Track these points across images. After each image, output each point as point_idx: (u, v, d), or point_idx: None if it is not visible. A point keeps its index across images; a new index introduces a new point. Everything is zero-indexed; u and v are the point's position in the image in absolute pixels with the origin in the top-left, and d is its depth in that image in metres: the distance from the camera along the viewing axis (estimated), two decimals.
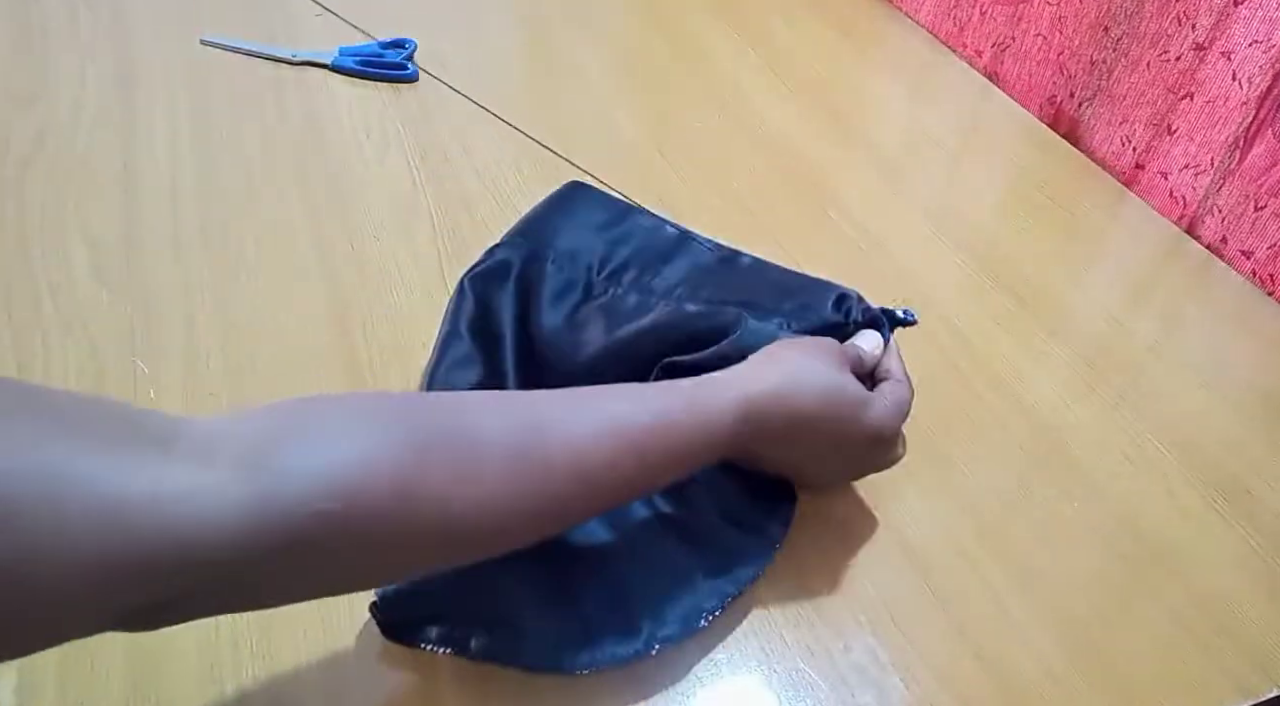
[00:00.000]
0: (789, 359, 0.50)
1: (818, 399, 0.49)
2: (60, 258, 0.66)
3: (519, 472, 0.40)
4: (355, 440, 0.36)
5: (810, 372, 0.50)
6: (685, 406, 0.46)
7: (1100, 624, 0.53)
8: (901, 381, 0.54)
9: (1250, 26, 0.74)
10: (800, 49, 1.00)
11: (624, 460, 0.43)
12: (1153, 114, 0.84)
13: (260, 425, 0.35)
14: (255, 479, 0.33)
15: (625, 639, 0.48)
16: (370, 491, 0.35)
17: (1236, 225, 0.78)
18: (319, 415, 0.37)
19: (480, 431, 0.40)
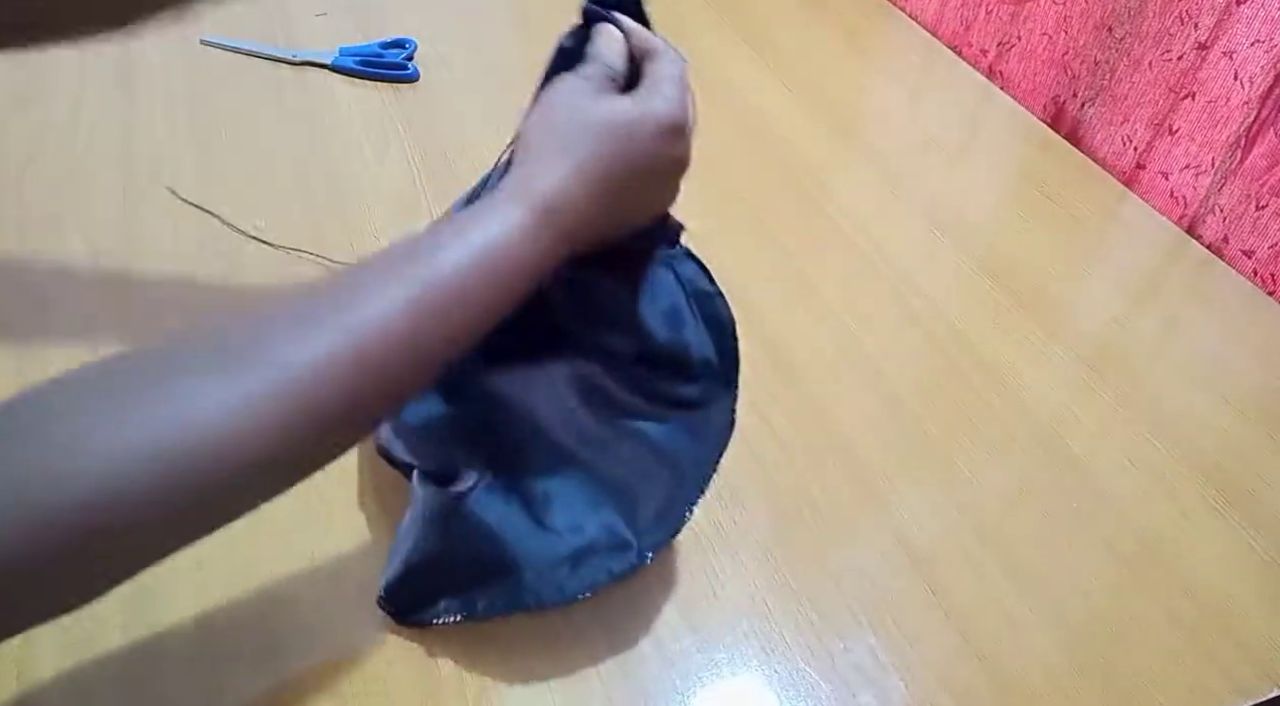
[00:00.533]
0: (559, 139, 0.45)
1: (610, 150, 0.44)
2: (60, 257, 0.66)
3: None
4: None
5: (586, 132, 0.44)
6: (477, 262, 0.41)
7: (1100, 623, 0.53)
8: (663, 51, 0.49)
9: (1252, 26, 0.74)
10: (801, 49, 1.00)
11: (417, 350, 0.40)
12: (1154, 114, 0.84)
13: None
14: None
15: (617, 554, 0.49)
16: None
17: (1238, 225, 0.78)
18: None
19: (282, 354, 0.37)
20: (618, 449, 0.53)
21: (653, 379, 0.54)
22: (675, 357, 0.54)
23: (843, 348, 0.67)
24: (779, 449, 0.60)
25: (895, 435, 0.62)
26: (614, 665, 0.49)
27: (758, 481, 0.58)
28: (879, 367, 0.66)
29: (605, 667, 0.48)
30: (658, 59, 0.48)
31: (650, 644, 0.50)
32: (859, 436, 0.61)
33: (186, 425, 0.35)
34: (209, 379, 0.36)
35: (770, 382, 0.64)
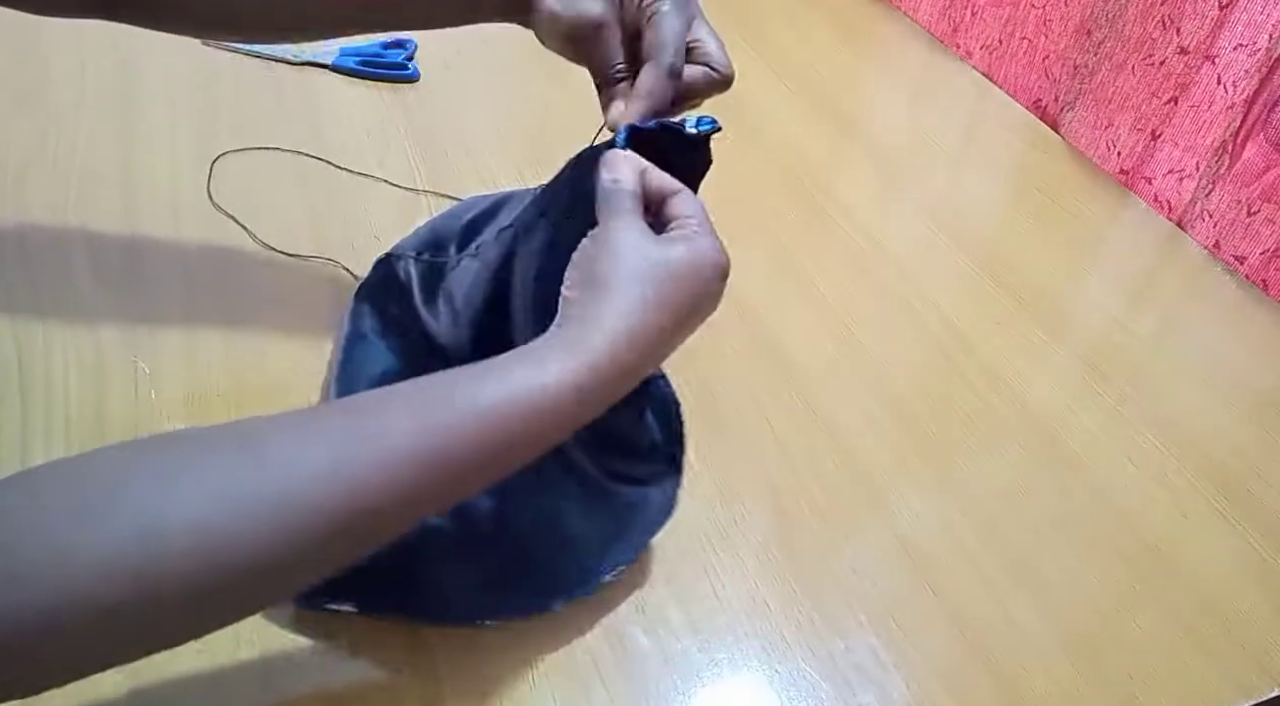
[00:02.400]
0: (607, 290, 0.42)
1: (661, 300, 0.42)
2: (61, 257, 0.66)
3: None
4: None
5: (635, 282, 0.42)
6: (515, 402, 0.39)
7: (1100, 623, 0.53)
8: (682, 191, 0.47)
9: (1235, 31, 0.74)
10: (800, 49, 1.00)
11: (430, 482, 0.38)
12: (1137, 118, 0.84)
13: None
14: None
15: (530, 596, 0.49)
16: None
17: (1229, 230, 0.78)
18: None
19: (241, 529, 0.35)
20: (569, 494, 0.53)
21: (608, 453, 0.54)
22: (633, 438, 0.55)
23: (843, 347, 0.67)
24: (779, 449, 0.60)
25: (895, 435, 0.62)
26: (615, 665, 0.49)
27: (758, 481, 0.58)
28: (879, 367, 0.66)
29: (606, 667, 0.48)
30: (679, 200, 0.46)
31: (651, 644, 0.50)
32: (859, 436, 0.61)
33: (151, 533, 0.33)
34: (205, 475, 0.35)
35: (770, 382, 0.64)
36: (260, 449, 0.36)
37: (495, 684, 0.47)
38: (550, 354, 0.41)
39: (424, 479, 0.38)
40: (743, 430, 0.61)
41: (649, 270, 0.43)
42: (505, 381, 0.39)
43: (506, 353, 0.41)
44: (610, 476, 0.54)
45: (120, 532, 0.33)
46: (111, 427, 0.56)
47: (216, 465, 0.35)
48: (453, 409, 0.39)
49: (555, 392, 0.39)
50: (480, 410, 0.39)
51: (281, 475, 0.35)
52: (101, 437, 0.56)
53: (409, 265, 0.61)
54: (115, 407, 0.57)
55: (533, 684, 0.47)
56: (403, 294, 0.61)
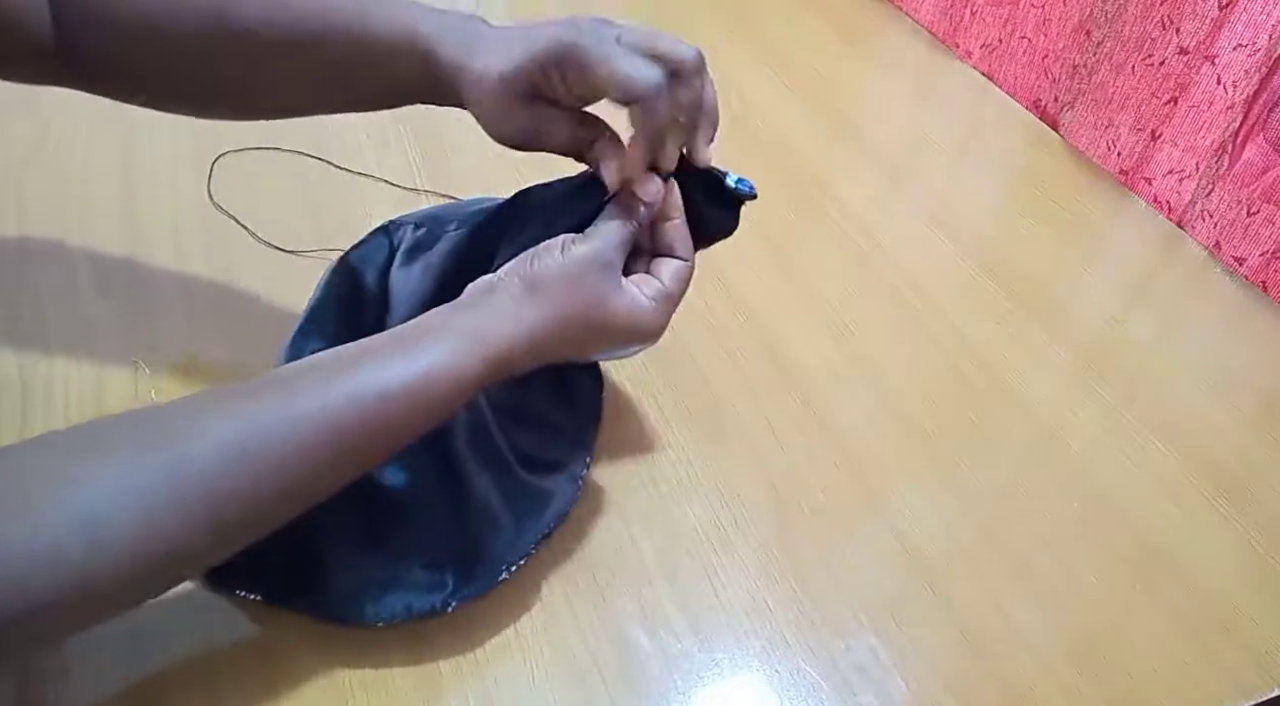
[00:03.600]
0: (539, 296, 0.45)
1: (574, 334, 0.46)
2: (61, 259, 0.66)
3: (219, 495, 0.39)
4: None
5: (566, 309, 0.45)
6: (405, 385, 0.42)
7: (1100, 623, 0.53)
8: (684, 260, 0.49)
9: (1235, 31, 0.74)
10: (800, 49, 1.00)
11: (330, 460, 0.41)
12: (1137, 118, 0.84)
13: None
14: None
15: (427, 592, 0.48)
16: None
17: (1229, 231, 0.78)
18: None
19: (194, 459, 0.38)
20: (475, 484, 0.52)
21: (521, 429, 0.54)
22: (549, 415, 0.55)
23: (842, 347, 0.67)
24: (779, 449, 0.60)
25: (895, 435, 0.62)
26: (615, 665, 0.49)
27: (758, 482, 0.58)
28: (879, 367, 0.66)
29: (606, 667, 0.49)
30: (673, 265, 0.49)
31: (651, 644, 0.50)
32: (859, 436, 0.61)
33: (83, 524, 0.36)
34: (109, 469, 0.37)
35: (770, 382, 0.64)
36: (173, 438, 0.39)
37: (495, 683, 0.47)
38: (456, 339, 0.44)
39: (326, 458, 0.41)
40: (743, 430, 0.61)
41: (587, 312, 0.46)
42: (410, 365, 0.42)
43: (413, 322, 0.45)
44: (522, 459, 0.53)
45: (55, 527, 0.35)
46: None
47: (136, 460, 0.38)
48: (359, 390, 0.41)
49: (454, 378, 0.43)
50: (385, 392, 0.42)
51: (196, 464, 0.38)
52: None
53: (405, 233, 0.60)
54: (115, 408, 0.57)
55: (532, 683, 0.47)
56: (386, 262, 0.59)
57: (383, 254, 0.60)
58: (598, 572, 0.52)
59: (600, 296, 0.46)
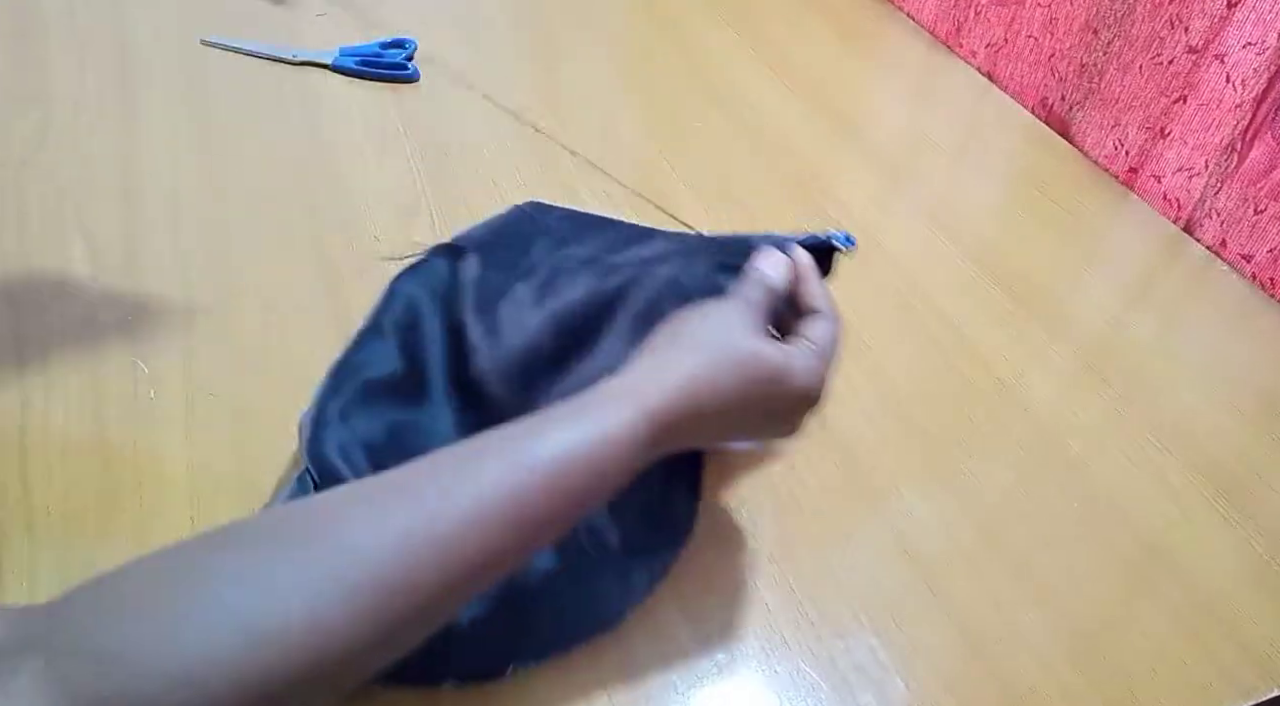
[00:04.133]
0: (689, 344, 0.44)
1: (733, 381, 0.43)
2: (60, 257, 0.66)
3: (401, 587, 0.35)
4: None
5: (717, 353, 0.44)
6: (585, 456, 0.40)
7: (1100, 623, 0.53)
8: (828, 316, 0.48)
9: (1244, 29, 0.74)
10: (800, 49, 1.00)
11: (511, 538, 0.38)
12: (1146, 117, 0.84)
13: (92, 621, 0.33)
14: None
15: (488, 659, 0.47)
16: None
17: (1236, 229, 0.78)
18: (172, 593, 0.33)
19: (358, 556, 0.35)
20: (551, 565, 0.50)
21: (619, 513, 0.52)
22: (649, 504, 0.53)
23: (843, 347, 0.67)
24: (779, 449, 0.60)
25: (895, 435, 0.62)
26: (614, 665, 0.49)
27: (758, 481, 0.58)
28: (879, 367, 0.66)
29: (606, 667, 0.48)
30: (818, 322, 0.48)
31: (650, 644, 0.50)
32: (859, 436, 0.61)
33: (241, 624, 0.32)
34: (266, 564, 0.34)
35: None
36: (334, 528, 0.36)
37: (494, 684, 0.47)
38: (617, 400, 0.41)
39: (501, 537, 0.38)
40: None
41: (736, 355, 0.44)
42: (578, 431, 0.40)
43: (565, 402, 0.42)
44: (598, 539, 0.51)
45: (210, 626, 0.32)
46: (111, 427, 0.56)
47: (297, 553, 0.35)
48: (531, 459, 0.39)
49: (624, 440, 0.40)
50: (547, 463, 0.39)
51: (363, 553, 0.35)
52: (101, 437, 0.56)
53: (472, 266, 0.60)
54: (115, 407, 0.57)
55: (533, 684, 0.47)
56: (450, 293, 0.59)
57: (442, 276, 0.60)
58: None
59: (748, 342, 0.44)
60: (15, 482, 0.53)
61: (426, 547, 0.36)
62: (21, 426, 0.56)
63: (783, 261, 0.49)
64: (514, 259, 0.60)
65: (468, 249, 0.61)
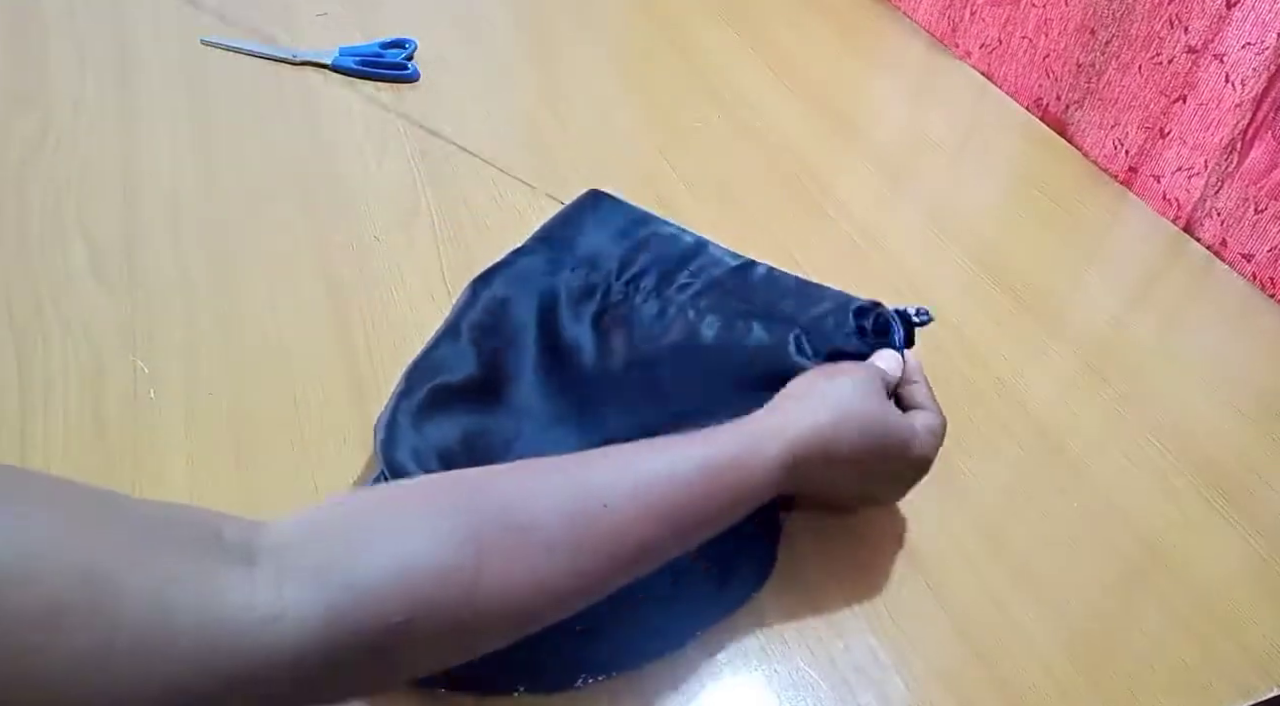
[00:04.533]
0: (829, 394, 0.49)
1: (862, 435, 0.48)
2: (60, 258, 0.66)
3: (572, 551, 0.40)
4: (419, 546, 0.37)
5: (851, 407, 0.49)
6: (729, 462, 0.45)
7: (1100, 623, 0.53)
8: (933, 411, 0.54)
9: (1243, 29, 0.74)
10: (800, 49, 1.00)
11: (668, 526, 0.43)
12: (1145, 117, 0.84)
13: (328, 533, 0.37)
14: (332, 598, 0.34)
15: (561, 670, 0.47)
16: (438, 599, 0.36)
17: (1236, 228, 0.78)
18: (381, 519, 0.38)
19: (533, 514, 0.40)
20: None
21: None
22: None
23: None
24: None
25: None
26: None
27: None
28: None
29: None
30: (933, 418, 0.53)
31: None
32: None
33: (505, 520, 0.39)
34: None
35: None
36: (585, 473, 0.42)
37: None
38: (758, 429, 0.47)
39: (655, 531, 0.42)
40: None
41: (871, 416, 0.49)
42: (725, 446, 0.45)
43: (713, 428, 0.46)
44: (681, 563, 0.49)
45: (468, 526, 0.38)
46: (111, 427, 0.56)
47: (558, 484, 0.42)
48: (682, 458, 0.44)
49: (763, 457, 0.45)
50: (706, 463, 0.44)
51: (598, 494, 0.41)
52: (101, 437, 0.56)
53: (568, 274, 0.60)
54: (115, 407, 0.57)
55: None
56: (548, 299, 0.59)
57: (536, 281, 0.60)
58: None
59: (881, 408, 0.50)
60: None
61: (602, 525, 0.41)
62: (22, 426, 0.56)
63: (896, 361, 0.54)
64: (600, 278, 0.61)
65: (562, 256, 0.62)
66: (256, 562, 0.34)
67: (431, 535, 0.37)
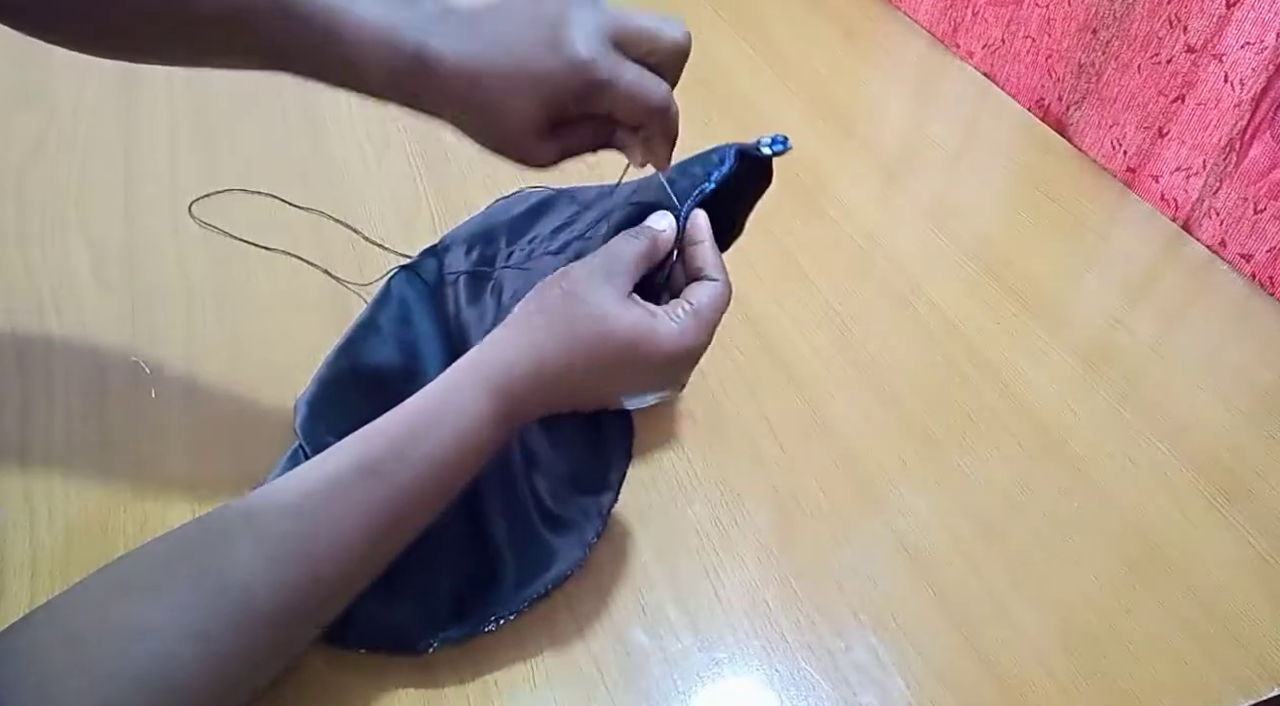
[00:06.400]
0: (540, 320, 0.45)
1: (584, 354, 0.45)
2: (60, 258, 0.66)
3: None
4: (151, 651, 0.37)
5: (566, 326, 0.45)
6: (443, 459, 0.44)
7: (1100, 623, 0.53)
8: (715, 280, 0.48)
9: (1242, 28, 0.74)
10: (800, 49, 1.00)
11: (378, 528, 0.43)
12: (1144, 117, 0.84)
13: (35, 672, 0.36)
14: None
15: (412, 628, 0.48)
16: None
17: (1235, 228, 0.78)
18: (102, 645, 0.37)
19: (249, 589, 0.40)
20: (491, 529, 0.51)
21: (545, 483, 0.54)
22: (577, 472, 0.54)
23: (843, 348, 0.67)
24: (779, 449, 0.60)
25: (895, 435, 0.62)
26: (616, 665, 0.49)
27: (758, 481, 0.58)
28: (879, 367, 0.66)
29: (607, 668, 0.49)
30: (704, 286, 0.48)
31: (651, 643, 0.50)
32: (859, 436, 0.61)
33: (151, 676, 0.37)
34: (164, 612, 0.38)
35: (770, 382, 0.64)
36: (217, 573, 0.40)
37: (495, 684, 0.47)
38: (470, 386, 0.45)
39: (373, 552, 0.43)
40: (743, 430, 0.61)
41: (590, 324, 0.45)
42: (432, 441, 0.43)
43: (427, 394, 0.45)
44: (540, 511, 0.52)
45: (120, 680, 0.36)
46: (111, 427, 0.56)
47: (178, 582, 0.39)
48: (386, 480, 0.43)
49: (474, 427, 0.44)
50: (412, 468, 0.43)
51: (236, 585, 0.39)
52: (101, 437, 0.56)
53: (457, 254, 0.62)
54: (115, 407, 0.57)
55: (533, 684, 0.48)
56: (436, 293, 0.61)
57: (431, 276, 0.61)
58: (598, 572, 0.52)
59: (603, 310, 0.45)
60: (16, 482, 0.53)
61: (303, 568, 0.40)
62: (23, 426, 0.56)
63: (668, 221, 0.49)
64: (494, 251, 0.62)
65: (453, 246, 0.63)
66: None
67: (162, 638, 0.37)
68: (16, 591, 0.48)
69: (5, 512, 0.51)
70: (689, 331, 0.46)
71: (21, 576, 0.49)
